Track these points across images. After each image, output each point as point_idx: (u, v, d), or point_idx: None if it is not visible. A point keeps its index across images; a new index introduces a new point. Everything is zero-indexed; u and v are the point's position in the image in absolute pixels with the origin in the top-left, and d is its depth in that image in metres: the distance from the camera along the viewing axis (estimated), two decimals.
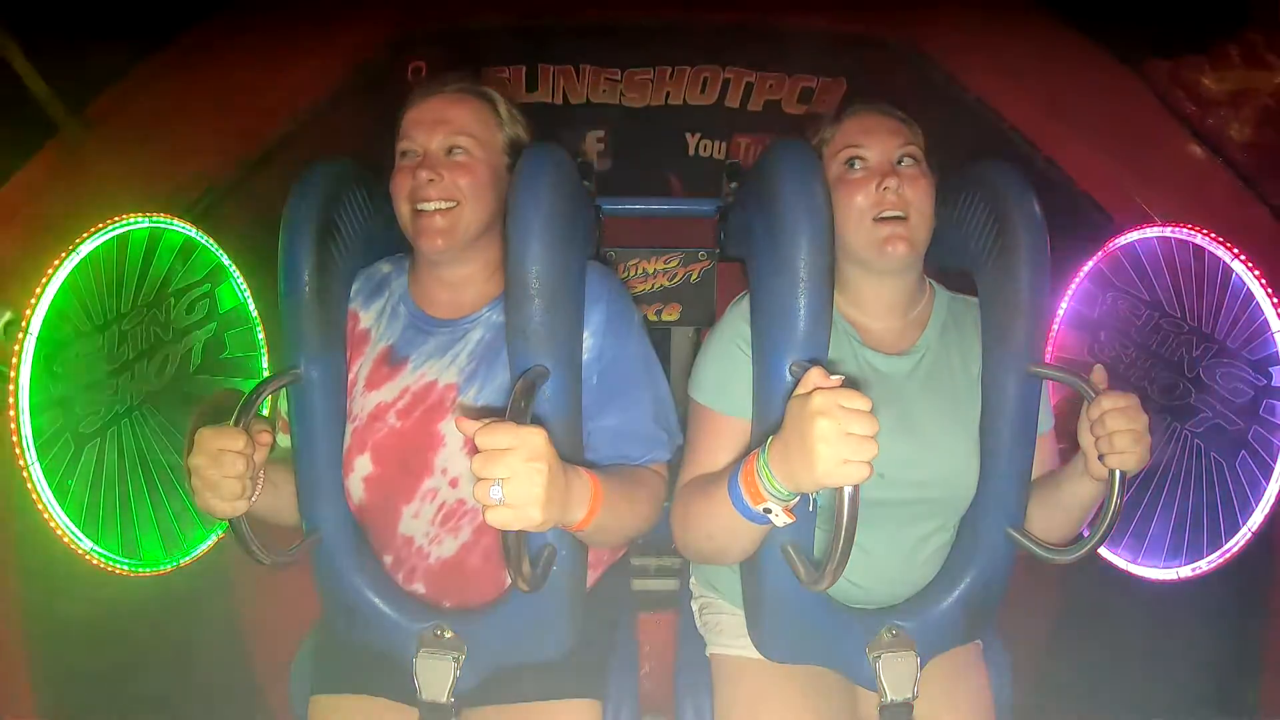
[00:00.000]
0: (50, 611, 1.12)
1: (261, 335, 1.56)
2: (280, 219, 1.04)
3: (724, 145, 2.16)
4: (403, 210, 1.06)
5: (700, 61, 2.03)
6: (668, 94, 2.08)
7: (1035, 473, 1.10)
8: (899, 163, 1.06)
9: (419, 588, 1.10)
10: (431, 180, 1.03)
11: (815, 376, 0.80)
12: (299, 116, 1.44)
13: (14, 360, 1.04)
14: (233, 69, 1.42)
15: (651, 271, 1.98)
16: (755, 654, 1.11)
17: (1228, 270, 1.18)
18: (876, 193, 1.04)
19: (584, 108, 2.08)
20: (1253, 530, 1.14)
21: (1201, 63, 1.43)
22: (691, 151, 2.18)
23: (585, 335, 1.03)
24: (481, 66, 1.95)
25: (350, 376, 1.10)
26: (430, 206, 1.04)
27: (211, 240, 1.42)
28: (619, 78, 2.05)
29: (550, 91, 2.06)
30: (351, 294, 1.14)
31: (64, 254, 1.11)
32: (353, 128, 1.61)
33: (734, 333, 1.07)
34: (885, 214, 1.03)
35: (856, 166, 1.06)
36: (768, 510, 0.85)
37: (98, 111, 1.33)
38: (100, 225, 1.17)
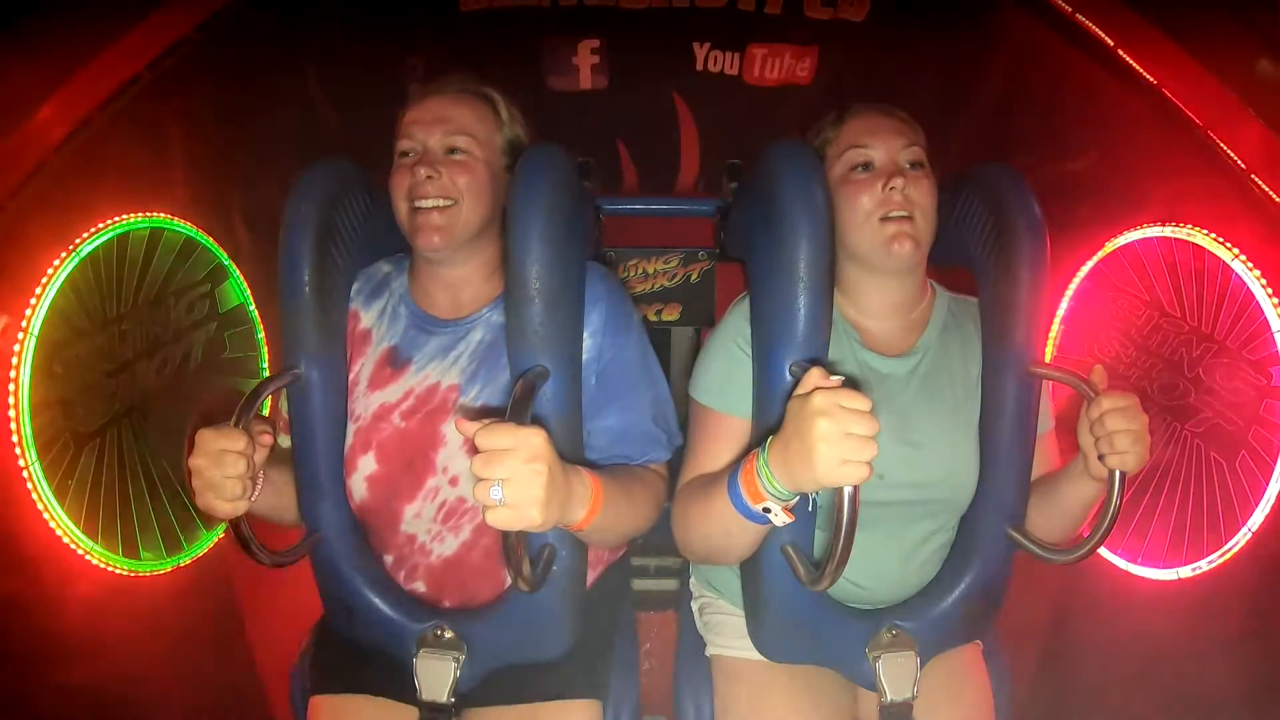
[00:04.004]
0: (50, 612, 1.11)
1: (262, 335, 1.57)
2: (280, 219, 1.04)
3: (737, 58, 1.90)
4: (401, 208, 1.06)
5: None
6: None
7: (1036, 473, 1.10)
8: (904, 163, 1.06)
9: (419, 586, 1.10)
10: (430, 177, 1.03)
11: (815, 377, 0.80)
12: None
13: (14, 360, 1.04)
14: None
15: (651, 271, 1.98)
16: (755, 654, 1.11)
17: (1227, 270, 1.18)
18: (882, 193, 1.03)
19: (575, 12, 1.80)
20: (1253, 530, 1.15)
21: None
22: (700, 65, 1.91)
23: (584, 336, 1.03)
24: None
25: (352, 376, 1.10)
26: (429, 203, 1.04)
27: (211, 240, 1.42)
28: None
29: None
30: (352, 294, 1.13)
31: (64, 253, 1.11)
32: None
33: (735, 332, 1.07)
34: (891, 214, 1.03)
35: (862, 167, 1.06)
36: (767, 510, 0.85)
37: None
38: (100, 224, 1.17)
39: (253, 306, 1.54)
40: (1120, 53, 1.29)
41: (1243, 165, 1.12)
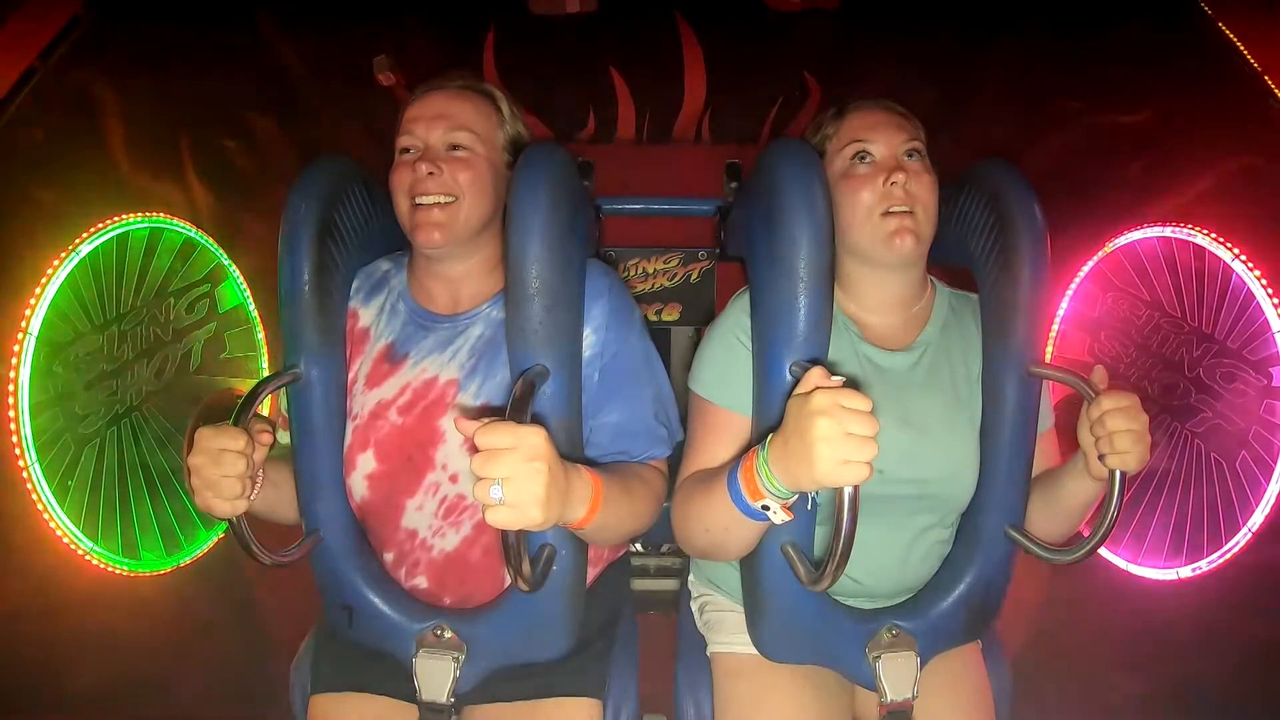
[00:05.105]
0: (50, 612, 1.11)
1: (262, 335, 1.57)
2: (280, 218, 1.04)
3: None
4: (402, 205, 1.06)
5: None
6: None
7: (1036, 471, 1.09)
8: (905, 158, 1.06)
9: (420, 582, 1.10)
10: (431, 173, 1.03)
11: (816, 376, 0.80)
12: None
13: (14, 360, 1.04)
14: None
15: (651, 271, 1.98)
16: (756, 651, 1.11)
17: (1228, 270, 1.18)
18: (884, 188, 1.04)
19: None
20: (1253, 530, 1.15)
21: None
22: None
23: (586, 332, 1.03)
24: None
25: (350, 375, 1.10)
26: (429, 200, 1.04)
27: (211, 240, 1.42)
28: None
29: None
30: (351, 292, 1.13)
31: (64, 253, 1.11)
32: None
33: (735, 325, 1.07)
34: (893, 209, 1.03)
35: (863, 162, 1.07)
36: (766, 508, 0.85)
37: None
38: (100, 225, 1.17)
39: (252, 307, 1.54)
40: (1220, 24, 1.17)
41: None
